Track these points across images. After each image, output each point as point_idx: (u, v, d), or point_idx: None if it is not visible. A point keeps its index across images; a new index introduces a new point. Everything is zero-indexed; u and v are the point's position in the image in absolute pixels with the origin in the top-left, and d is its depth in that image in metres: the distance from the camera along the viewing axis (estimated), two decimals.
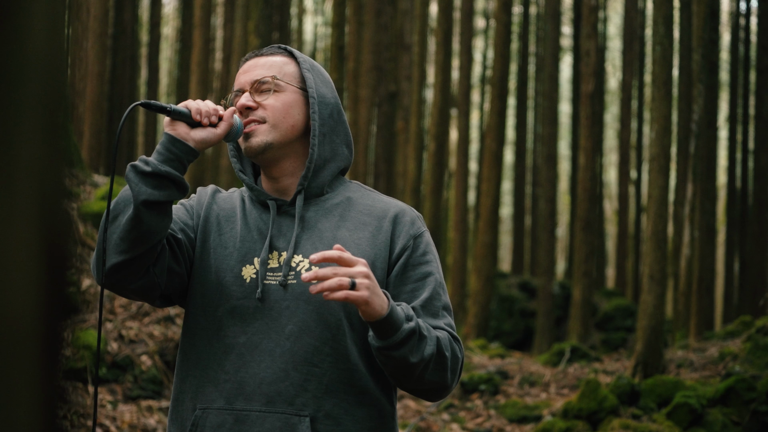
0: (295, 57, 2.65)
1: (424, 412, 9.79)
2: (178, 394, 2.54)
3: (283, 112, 2.55)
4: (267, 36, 13.40)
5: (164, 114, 2.43)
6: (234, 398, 2.43)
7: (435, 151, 17.02)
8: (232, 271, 2.49)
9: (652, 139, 10.88)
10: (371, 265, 2.48)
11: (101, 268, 2.35)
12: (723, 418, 8.48)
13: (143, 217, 2.31)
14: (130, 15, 19.91)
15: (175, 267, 2.49)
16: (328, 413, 2.43)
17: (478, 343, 14.66)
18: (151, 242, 2.34)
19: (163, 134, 2.43)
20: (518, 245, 23.84)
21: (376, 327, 2.32)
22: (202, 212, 2.60)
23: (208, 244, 2.55)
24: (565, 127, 29.85)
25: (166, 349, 8.53)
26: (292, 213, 2.55)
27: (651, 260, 10.45)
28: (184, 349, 2.54)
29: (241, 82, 2.59)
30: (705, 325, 14.75)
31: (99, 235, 2.34)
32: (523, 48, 24.26)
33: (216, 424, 2.44)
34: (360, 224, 2.55)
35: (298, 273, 2.46)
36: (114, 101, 18.95)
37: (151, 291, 2.43)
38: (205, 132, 2.43)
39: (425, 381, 2.43)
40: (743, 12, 21.33)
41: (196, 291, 2.52)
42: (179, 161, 2.39)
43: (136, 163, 2.36)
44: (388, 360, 2.37)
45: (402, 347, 2.34)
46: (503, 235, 33.21)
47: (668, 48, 10.94)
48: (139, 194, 2.31)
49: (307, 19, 32.08)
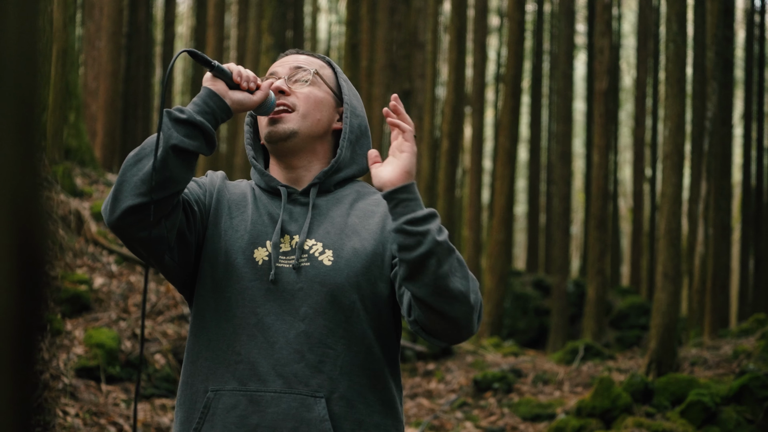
0: (333, 67, 2.73)
1: (437, 410, 9.79)
2: (187, 378, 2.53)
3: (314, 105, 2.61)
4: (281, 34, 13.41)
5: (208, 68, 2.47)
6: (247, 379, 2.43)
7: (449, 149, 17.00)
8: (244, 253, 2.50)
9: (666, 136, 10.85)
10: (381, 251, 2.52)
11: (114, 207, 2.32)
12: (737, 416, 8.45)
13: (169, 162, 2.32)
14: (145, 14, 19.95)
15: (186, 234, 2.48)
16: (343, 395, 2.44)
17: (492, 341, 14.65)
18: (170, 191, 2.33)
19: (202, 88, 2.47)
20: (532, 243, 23.81)
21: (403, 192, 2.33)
22: (215, 193, 2.62)
23: (219, 226, 2.56)
24: (579, 125, 29.78)
25: (180, 348, 8.54)
26: (302, 201, 2.59)
27: (665, 258, 10.42)
28: (194, 331, 2.54)
29: (275, 69, 2.66)
30: (719, 322, 14.70)
31: (118, 177, 2.33)
32: (537, 46, 24.21)
33: (229, 406, 2.43)
34: (368, 213, 2.59)
35: (311, 256, 2.48)
36: (128, 100, 19.00)
37: (159, 245, 2.40)
38: (242, 95, 2.48)
39: (450, 285, 2.29)
40: (758, 9, 21.24)
41: (206, 272, 2.52)
42: (213, 116, 2.43)
43: (171, 110, 2.38)
44: (413, 238, 2.29)
45: (426, 222, 2.31)
46: (517, 233, 33.19)
47: (682, 45, 10.91)
48: (170, 138, 2.33)
49: (321, 17, 32.10)
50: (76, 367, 7.71)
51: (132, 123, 19.24)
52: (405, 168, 2.35)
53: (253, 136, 2.73)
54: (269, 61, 12.65)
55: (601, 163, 15.73)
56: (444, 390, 10.93)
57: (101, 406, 7.34)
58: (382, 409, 2.51)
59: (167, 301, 9.15)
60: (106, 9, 15.93)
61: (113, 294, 8.99)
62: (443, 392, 10.84)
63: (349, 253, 2.49)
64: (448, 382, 11.23)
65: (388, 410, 2.53)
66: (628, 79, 31.86)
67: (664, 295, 10.32)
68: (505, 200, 16.24)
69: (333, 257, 2.49)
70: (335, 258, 2.49)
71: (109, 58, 15.89)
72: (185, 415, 2.52)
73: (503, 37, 27.86)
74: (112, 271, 9.41)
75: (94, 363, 7.84)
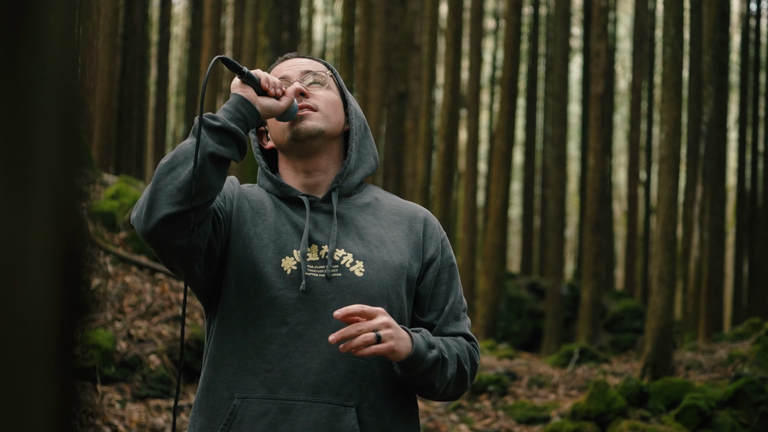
0: (332, 69, 2.74)
1: (432, 413, 9.79)
2: (209, 383, 2.51)
3: (332, 107, 2.63)
4: (277, 36, 13.41)
5: (238, 74, 2.47)
6: (277, 388, 2.43)
7: (444, 151, 17.01)
8: (271, 263, 2.50)
9: (661, 140, 10.87)
10: (407, 265, 2.57)
11: (150, 216, 2.29)
12: (732, 420, 8.47)
13: (206, 169, 2.30)
14: (140, 14, 19.94)
15: (213, 242, 2.47)
16: (372, 404, 2.47)
17: (487, 344, 14.65)
18: (206, 198, 2.32)
19: (232, 95, 2.47)
20: (527, 246, 23.82)
21: (402, 364, 2.43)
22: (234, 200, 2.60)
23: (242, 233, 2.54)
24: (574, 128, 29.81)
25: (175, 349, 8.54)
26: (323, 209, 2.59)
27: (660, 262, 10.44)
28: (219, 338, 2.52)
29: (286, 73, 2.65)
30: (714, 326, 14.73)
31: (151, 186, 2.30)
32: (533, 49, 24.24)
33: (258, 414, 2.43)
34: (393, 223, 2.63)
35: (342, 267, 2.50)
36: (124, 100, 18.98)
37: (192, 253, 2.37)
38: (270, 101, 2.47)
39: (447, 395, 2.59)
40: (754, 13, 21.29)
41: (231, 279, 2.50)
42: (245, 122, 2.42)
43: (205, 117, 2.36)
44: (412, 385, 2.51)
45: (427, 376, 2.47)
46: (512, 236, 33.20)
47: (678, 49, 10.93)
48: (206, 146, 2.32)
49: (317, 19, 32.10)
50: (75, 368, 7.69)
51: (127, 124, 19.23)
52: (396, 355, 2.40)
53: (257, 145, 2.74)
54: (265, 62, 12.65)
55: (596, 167, 15.74)
56: None
57: (96, 406, 7.33)
58: (404, 417, 2.55)
59: (162, 302, 9.14)
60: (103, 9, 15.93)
61: (109, 295, 8.98)
62: None
63: (379, 265, 2.53)
64: None
65: (409, 418, 2.57)
66: (624, 83, 31.90)
67: (659, 298, 10.33)
68: (500, 203, 16.24)
69: (364, 269, 2.51)
70: (366, 269, 2.51)
71: (106, 58, 15.87)
72: (206, 421, 2.50)
73: (499, 40, 27.89)
74: (108, 271, 9.40)
75: (90, 364, 7.83)
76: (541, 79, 25.08)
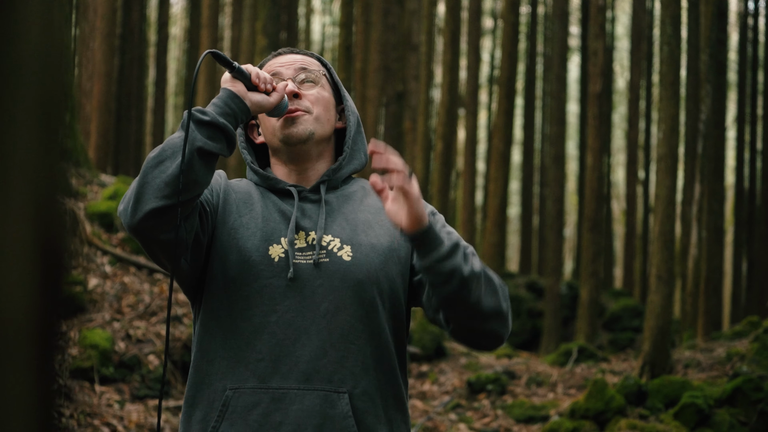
0: (327, 65, 2.74)
1: (431, 412, 9.79)
2: (204, 377, 2.50)
3: (324, 107, 2.62)
4: (275, 36, 13.41)
5: (228, 69, 2.47)
6: (269, 377, 2.42)
7: (442, 151, 17.00)
8: (258, 251, 2.49)
9: (659, 139, 10.87)
10: (396, 246, 2.55)
11: (136, 209, 2.28)
12: (730, 418, 8.46)
13: (194, 164, 2.30)
14: (138, 15, 19.93)
15: (200, 235, 2.46)
16: (364, 390, 2.45)
17: None
18: (194, 193, 2.32)
19: (222, 90, 2.46)
20: (526, 245, 23.81)
21: (421, 238, 2.33)
22: (221, 193, 2.60)
23: (228, 225, 2.54)
24: (572, 127, 29.79)
25: (173, 349, 8.54)
26: (311, 199, 2.59)
27: (658, 260, 10.44)
28: (210, 330, 2.51)
29: (278, 70, 2.64)
30: (712, 325, 14.72)
31: (138, 179, 2.30)
32: (530, 48, 24.23)
33: (250, 404, 2.42)
34: (379, 208, 2.62)
35: (330, 252, 2.49)
36: (121, 101, 18.97)
37: (179, 247, 2.37)
38: (260, 96, 2.47)
39: (483, 307, 2.40)
40: (751, 12, 21.28)
41: (217, 271, 2.50)
42: (234, 117, 2.42)
43: (194, 111, 2.36)
44: (442, 277, 2.35)
45: (451, 257, 2.34)
46: (511, 235, 33.18)
47: (676, 48, 10.93)
48: (194, 140, 2.32)
49: (314, 19, 32.09)
50: (71, 368, 7.70)
51: (125, 124, 19.21)
52: (418, 214, 2.31)
53: (245, 139, 2.73)
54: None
55: (594, 166, 15.74)
56: (437, 392, 10.92)
57: (95, 407, 7.33)
58: (395, 403, 2.53)
59: (161, 302, 9.14)
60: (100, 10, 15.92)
61: (107, 295, 8.98)
62: (437, 394, 10.84)
63: (366, 248, 2.51)
64: (441, 383, 11.23)
65: (399, 404, 2.55)
66: (622, 82, 31.90)
67: (657, 297, 10.33)
68: (498, 202, 16.24)
69: (352, 252, 2.50)
70: (354, 253, 2.50)
71: (103, 59, 15.87)
72: (202, 414, 2.49)
73: (497, 39, 27.88)
74: (106, 272, 9.40)
75: (88, 364, 7.83)
76: (539, 79, 25.07)
